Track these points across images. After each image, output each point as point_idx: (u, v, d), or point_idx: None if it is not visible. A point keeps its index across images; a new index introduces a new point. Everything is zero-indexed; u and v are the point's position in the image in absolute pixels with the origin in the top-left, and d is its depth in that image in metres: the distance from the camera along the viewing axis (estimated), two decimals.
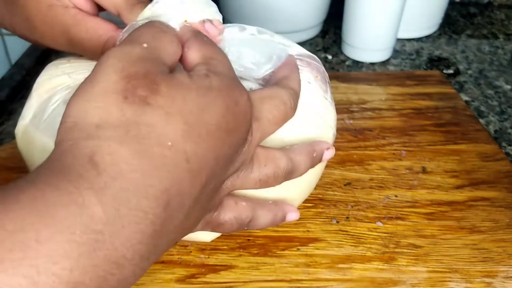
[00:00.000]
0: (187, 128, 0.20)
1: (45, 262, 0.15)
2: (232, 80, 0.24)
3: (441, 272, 0.33)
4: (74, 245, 0.16)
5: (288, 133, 0.30)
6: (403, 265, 0.33)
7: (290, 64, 0.31)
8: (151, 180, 0.19)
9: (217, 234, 0.34)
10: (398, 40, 0.66)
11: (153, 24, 0.24)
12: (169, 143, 0.19)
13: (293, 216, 0.31)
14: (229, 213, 0.27)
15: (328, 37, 0.68)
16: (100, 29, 0.32)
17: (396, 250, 0.34)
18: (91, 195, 0.17)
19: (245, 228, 0.29)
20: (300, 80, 0.30)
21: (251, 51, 0.31)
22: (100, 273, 0.17)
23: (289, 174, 0.28)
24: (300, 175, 0.29)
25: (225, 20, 0.54)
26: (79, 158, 0.18)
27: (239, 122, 0.23)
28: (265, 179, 0.27)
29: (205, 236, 0.33)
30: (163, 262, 0.33)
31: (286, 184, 0.31)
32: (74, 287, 0.16)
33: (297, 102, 0.28)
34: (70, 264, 0.16)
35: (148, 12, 0.28)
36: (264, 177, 0.27)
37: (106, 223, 0.17)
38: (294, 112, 0.28)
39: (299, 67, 0.33)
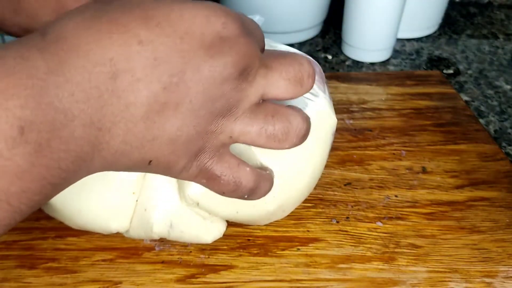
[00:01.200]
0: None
1: None
2: (217, 4, 0.24)
3: (441, 272, 0.33)
4: (21, 87, 0.18)
5: None
6: (403, 265, 0.33)
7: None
8: (91, 45, 0.20)
9: (218, 235, 0.34)
10: (398, 40, 0.66)
11: None
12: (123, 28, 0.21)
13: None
14: (227, 170, 0.26)
15: (328, 37, 0.68)
16: None
17: (396, 250, 0.34)
18: (35, 51, 0.19)
19: (245, 198, 0.27)
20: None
21: None
22: (49, 118, 0.19)
23: (303, 136, 0.27)
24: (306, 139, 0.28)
25: None
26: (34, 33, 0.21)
27: (223, 44, 0.22)
28: (272, 133, 0.25)
29: (206, 236, 0.33)
30: (163, 262, 0.33)
31: (286, 184, 0.31)
32: (26, 124, 0.18)
33: (314, 74, 0.27)
34: (20, 102, 0.18)
35: None
36: (271, 129, 0.25)
37: (48, 73, 0.19)
38: (311, 83, 0.26)
39: None
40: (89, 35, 0.20)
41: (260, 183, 0.27)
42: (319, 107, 0.32)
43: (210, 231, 0.33)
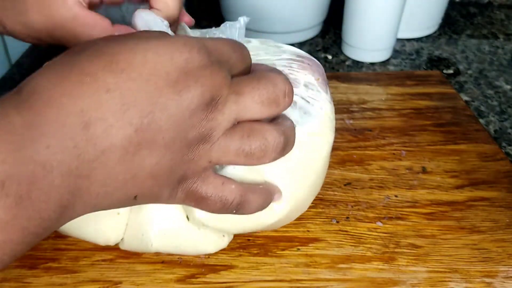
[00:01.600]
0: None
1: None
2: (183, 37, 0.24)
3: (441, 272, 0.33)
4: (1, 142, 0.19)
5: None
6: (403, 265, 0.33)
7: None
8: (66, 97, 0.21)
9: (222, 246, 0.33)
10: (398, 40, 0.66)
11: None
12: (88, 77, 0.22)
13: (277, 197, 0.30)
14: (213, 190, 0.26)
15: (328, 37, 0.68)
16: (96, 26, 0.32)
17: (396, 250, 0.34)
18: (11, 108, 0.21)
19: (234, 212, 0.28)
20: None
21: None
22: (28, 170, 0.20)
23: (282, 149, 0.27)
24: (289, 151, 0.28)
25: (225, 21, 0.53)
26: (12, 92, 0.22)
27: (188, 79, 0.23)
28: (249, 152, 0.26)
29: (209, 247, 0.33)
30: (163, 262, 0.33)
31: (290, 195, 0.31)
32: (6, 178, 0.19)
33: (291, 91, 0.27)
34: (0, 157, 0.19)
35: None
36: (247, 149, 0.26)
37: (24, 127, 0.20)
38: (289, 101, 0.27)
39: (300, 68, 0.33)
40: (61, 88, 0.21)
41: (247, 197, 0.28)
42: (321, 113, 0.32)
43: (213, 242, 0.33)
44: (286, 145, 0.28)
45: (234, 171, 0.29)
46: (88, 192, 0.22)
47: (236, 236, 0.35)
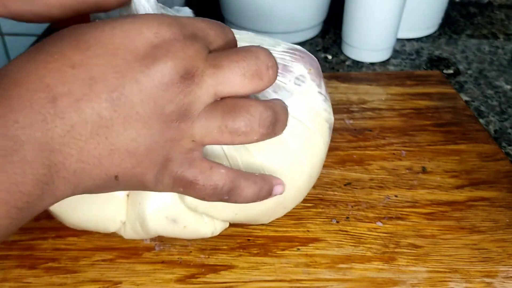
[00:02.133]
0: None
1: None
2: (156, 15, 0.24)
3: (441, 272, 0.33)
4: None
5: None
6: (403, 265, 0.33)
7: None
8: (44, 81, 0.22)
9: (217, 231, 0.33)
10: (398, 40, 0.66)
11: None
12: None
13: (279, 189, 0.29)
14: (200, 175, 0.25)
15: (328, 37, 0.68)
16: None
17: (396, 250, 0.34)
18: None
19: (226, 199, 0.27)
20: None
21: None
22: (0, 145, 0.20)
23: (271, 125, 0.26)
24: (283, 129, 0.27)
25: (225, 21, 0.54)
26: None
27: (157, 52, 0.23)
28: (233, 128, 0.25)
29: (204, 231, 0.33)
30: (163, 262, 0.33)
31: (285, 181, 0.31)
32: None
33: (275, 64, 0.26)
34: None
35: None
36: (231, 125, 0.25)
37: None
38: (273, 74, 0.26)
39: (292, 60, 0.33)
40: (28, 68, 0.22)
41: (239, 183, 0.27)
42: (312, 103, 0.32)
43: (208, 226, 0.33)
44: (276, 121, 0.26)
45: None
46: (64, 167, 0.22)
47: (236, 236, 0.35)
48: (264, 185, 0.28)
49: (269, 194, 0.29)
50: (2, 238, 0.22)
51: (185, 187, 0.26)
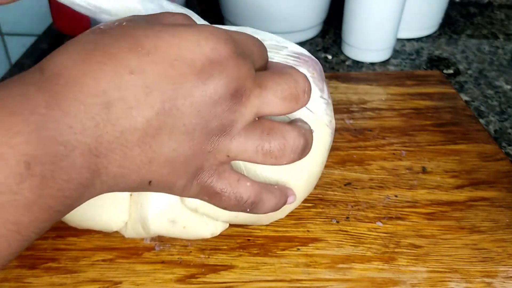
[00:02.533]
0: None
1: (3, 137, 0.19)
2: (210, 27, 0.24)
3: (441, 272, 0.33)
4: (24, 124, 0.19)
5: None
6: (403, 265, 0.33)
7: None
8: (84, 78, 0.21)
9: (217, 231, 0.33)
10: (398, 40, 0.66)
11: None
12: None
13: (291, 199, 0.31)
14: (228, 186, 0.26)
15: (328, 37, 0.68)
16: None
17: (396, 250, 0.34)
18: (34, 89, 0.20)
19: (248, 211, 0.28)
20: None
21: None
22: (51, 151, 0.20)
23: (301, 152, 0.27)
24: (307, 154, 0.28)
25: (225, 20, 0.54)
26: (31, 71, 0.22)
27: (213, 68, 0.23)
28: (268, 150, 0.26)
29: (204, 232, 0.33)
30: (163, 262, 0.33)
31: (285, 183, 0.31)
32: (31, 159, 0.19)
33: (310, 89, 0.27)
34: (24, 138, 0.19)
35: None
36: (267, 147, 0.26)
37: (47, 108, 0.20)
38: (307, 99, 0.27)
39: (296, 64, 0.33)
40: (83, 68, 0.21)
41: (262, 196, 0.28)
42: (314, 109, 0.32)
43: (208, 226, 0.33)
44: (305, 147, 0.28)
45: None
46: (106, 172, 0.22)
47: (236, 236, 0.35)
48: (282, 197, 0.29)
49: (284, 204, 0.30)
50: (37, 236, 0.21)
51: (211, 196, 0.27)
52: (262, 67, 0.28)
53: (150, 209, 0.31)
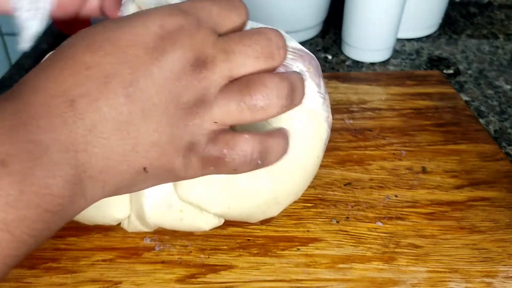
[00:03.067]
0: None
1: None
2: (160, 7, 0.25)
3: (441, 272, 0.33)
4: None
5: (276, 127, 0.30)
6: (403, 265, 0.33)
7: None
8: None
9: (215, 223, 0.33)
10: (398, 40, 0.66)
11: None
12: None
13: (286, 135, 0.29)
14: (226, 147, 0.25)
15: (328, 37, 0.68)
16: None
17: (396, 250, 0.34)
18: (3, 100, 0.22)
19: (260, 164, 0.26)
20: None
21: None
22: (25, 150, 0.21)
23: (289, 95, 0.26)
24: (301, 98, 0.27)
25: None
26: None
27: (165, 43, 0.23)
28: (252, 103, 0.25)
29: (202, 224, 0.33)
30: (163, 262, 0.33)
31: (278, 175, 0.31)
32: (6, 157, 0.20)
33: (285, 45, 0.26)
34: None
35: None
36: (248, 100, 0.25)
37: (15, 113, 0.22)
38: (284, 53, 0.26)
39: (292, 58, 0.33)
40: (45, 75, 0.23)
41: (267, 144, 0.26)
42: (311, 103, 0.32)
43: (207, 219, 0.33)
44: (293, 90, 0.26)
45: None
46: (91, 166, 0.23)
47: (236, 236, 0.35)
48: (285, 137, 0.28)
49: (288, 145, 0.28)
50: (38, 244, 0.22)
51: (215, 164, 0.26)
52: (238, 27, 0.27)
53: (146, 199, 0.32)
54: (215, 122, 0.25)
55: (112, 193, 0.25)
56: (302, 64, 0.33)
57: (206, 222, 0.33)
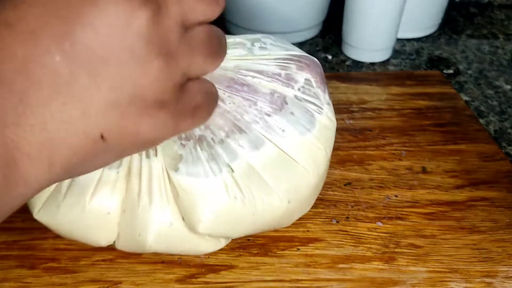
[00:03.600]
0: None
1: None
2: None
3: (441, 272, 0.33)
4: None
5: (283, 137, 0.30)
6: (403, 265, 0.33)
7: None
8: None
9: (221, 245, 0.33)
10: (398, 40, 0.66)
11: None
12: None
13: None
14: (200, 93, 0.24)
15: (328, 37, 0.68)
16: None
17: (396, 250, 0.34)
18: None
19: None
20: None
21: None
22: None
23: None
24: None
25: (225, 20, 0.53)
26: None
27: None
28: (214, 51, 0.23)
29: (207, 247, 0.32)
30: (163, 262, 0.33)
31: (292, 192, 0.31)
32: None
33: None
34: None
35: None
36: (212, 52, 0.23)
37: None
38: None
39: (297, 68, 0.33)
40: None
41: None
42: (316, 112, 0.32)
43: (210, 242, 0.33)
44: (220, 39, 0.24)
45: None
46: (27, 142, 0.19)
47: None
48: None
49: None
50: None
51: (192, 115, 0.24)
52: None
53: (148, 239, 0.30)
54: (184, 73, 0.22)
55: (64, 175, 0.21)
56: (310, 74, 0.33)
57: (211, 246, 0.32)
